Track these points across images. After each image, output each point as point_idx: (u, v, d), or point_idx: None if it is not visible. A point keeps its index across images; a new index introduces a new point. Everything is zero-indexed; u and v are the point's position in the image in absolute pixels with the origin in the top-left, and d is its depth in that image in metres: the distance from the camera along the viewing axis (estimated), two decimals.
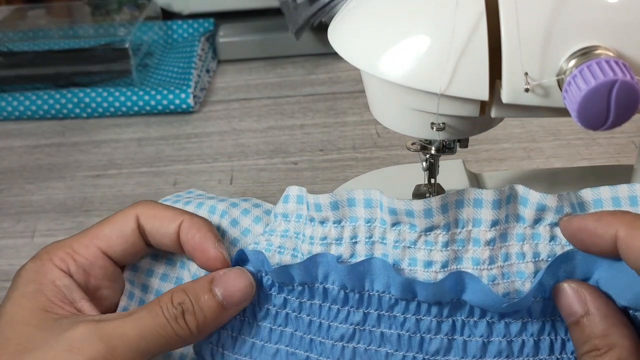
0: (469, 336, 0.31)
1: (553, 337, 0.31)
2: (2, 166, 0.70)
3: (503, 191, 0.31)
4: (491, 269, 0.32)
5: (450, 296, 0.31)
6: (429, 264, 0.32)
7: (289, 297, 0.34)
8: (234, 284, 0.33)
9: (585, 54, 0.30)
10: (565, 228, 0.31)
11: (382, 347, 0.32)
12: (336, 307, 0.33)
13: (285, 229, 0.35)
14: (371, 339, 0.32)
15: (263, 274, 0.34)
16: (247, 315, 0.35)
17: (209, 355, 0.35)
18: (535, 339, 0.31)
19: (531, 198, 0.31)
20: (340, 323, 0.33)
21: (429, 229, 0.32)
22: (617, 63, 0.28)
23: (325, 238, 0.33)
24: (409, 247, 0.32)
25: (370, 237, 0.33)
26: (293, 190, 0.35)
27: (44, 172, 0.68)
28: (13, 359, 0.30)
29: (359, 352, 0.32)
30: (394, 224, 0.32)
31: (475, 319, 0.31)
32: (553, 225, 0.31)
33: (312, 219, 0.34)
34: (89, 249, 0.35)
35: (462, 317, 0.31)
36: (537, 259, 0.31)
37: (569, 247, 0.31)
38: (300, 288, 0.33)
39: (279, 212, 0.35)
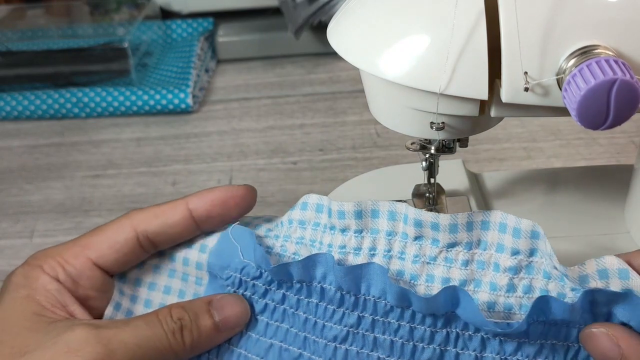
0: (462, 349, 0.31)
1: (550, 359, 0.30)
2: (0, 166, 0.69)
3: (527, 223, 0.31)
4: (508, 297, 0.31)
5: (444, 309, 0.31)
6: (446, 280, 0.32)
7: (288, 293, 0.34)
8: (231, 308, 0.34)
9: (585, 53, 0.29)
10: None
11: (375, 351, 0.32)
12: (332, 307, 0.33)
13: (300, 235, 0.35)
14: (364, 343, 0.32)
15: (263, 270, 0.34)
16: None
17: None
18: (530, 359, 0.30)
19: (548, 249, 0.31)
20: (335, 324, 0.32)
21: (452, 245, 0.32)
22: (616, 62, 0.28)
23: (344, 247, 0.33)
24: (428, 262, 0.32)
25: (389, 250, 0.33)
26: (312, 198, 0.35)
27: (43, 172, 0.68)
28: None
29: (351, 354, 0.32)
30: (416, 238, 0.32)
31: (470, 332, 0.31)
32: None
33: (332, 227, 0.34)
34: (79, 259, 0.35)
35: (457, 330, 0.31)
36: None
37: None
38: (298, 285, 0.33)
39: (296, 218, 0.35)
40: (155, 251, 0.37)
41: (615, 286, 0.29)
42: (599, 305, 0.29)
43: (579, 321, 0.30)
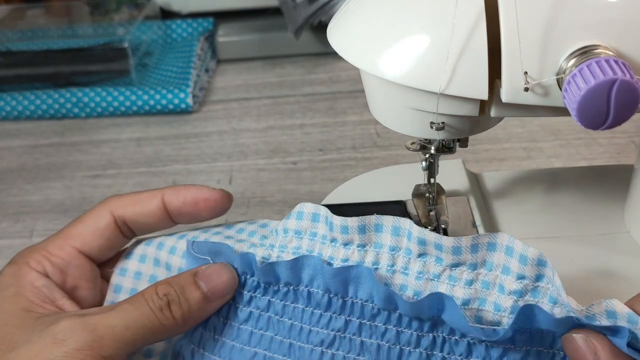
0: (449, 353, 0.31)
1: None
2: (0, 166, 0.69)
3: (534, 252, 0.30)
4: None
5: (429, 313, 0.30)
6: None
7: (273, 300, 0.34)
8: (218, 276, 0.34)
9: (585, 53, 0.29)
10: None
11: (361, 355, 0.32)
12: (319, 311, 0.32)
13: (297, 245, 0.35)
14: (351, 347, 0.32)
15: (248, 276, 0.34)
16: (230, 318, 0.35)
17: (189, 355, 0.35)
18: None
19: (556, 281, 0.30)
20: (322, 328, 0.32)
21: (455, 265, 0.32)
22: (616, 62, 0.28)
23: (346, 260, 0.33)
24: (431, 279, 0.32)
25: (392, 265, 0.33)
26: (308, 207, 0.34)
27: (43, 172, 0.68)
28: None
29: (337, 359, 0.32)
30: (420, 255, 0.32)
31: (457, 337, 0.31)
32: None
33: (334, 240, 0.34)
34: (64, 249, 0.35)
35: (444, 334, 0.31)
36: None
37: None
38: (285, 289, 0.33)
39: (291, 227, 0.35)
40: (134, 237, 0.37)
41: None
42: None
43: (565, 331, 0.29)
